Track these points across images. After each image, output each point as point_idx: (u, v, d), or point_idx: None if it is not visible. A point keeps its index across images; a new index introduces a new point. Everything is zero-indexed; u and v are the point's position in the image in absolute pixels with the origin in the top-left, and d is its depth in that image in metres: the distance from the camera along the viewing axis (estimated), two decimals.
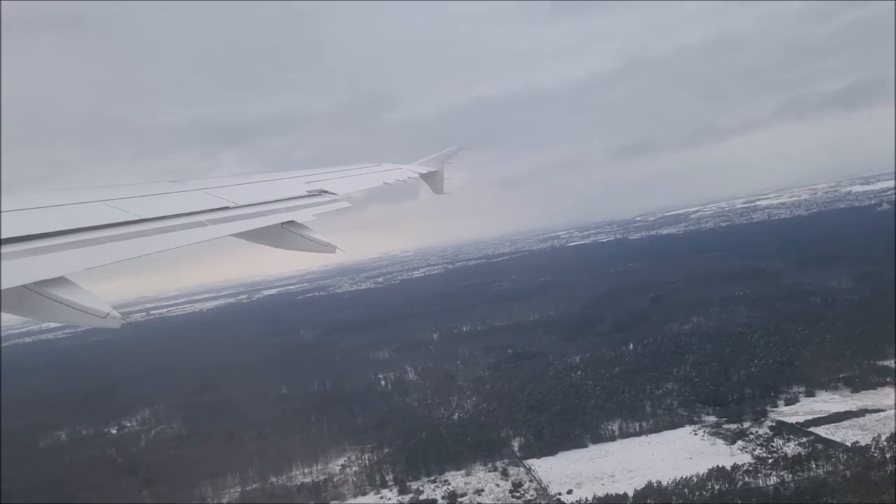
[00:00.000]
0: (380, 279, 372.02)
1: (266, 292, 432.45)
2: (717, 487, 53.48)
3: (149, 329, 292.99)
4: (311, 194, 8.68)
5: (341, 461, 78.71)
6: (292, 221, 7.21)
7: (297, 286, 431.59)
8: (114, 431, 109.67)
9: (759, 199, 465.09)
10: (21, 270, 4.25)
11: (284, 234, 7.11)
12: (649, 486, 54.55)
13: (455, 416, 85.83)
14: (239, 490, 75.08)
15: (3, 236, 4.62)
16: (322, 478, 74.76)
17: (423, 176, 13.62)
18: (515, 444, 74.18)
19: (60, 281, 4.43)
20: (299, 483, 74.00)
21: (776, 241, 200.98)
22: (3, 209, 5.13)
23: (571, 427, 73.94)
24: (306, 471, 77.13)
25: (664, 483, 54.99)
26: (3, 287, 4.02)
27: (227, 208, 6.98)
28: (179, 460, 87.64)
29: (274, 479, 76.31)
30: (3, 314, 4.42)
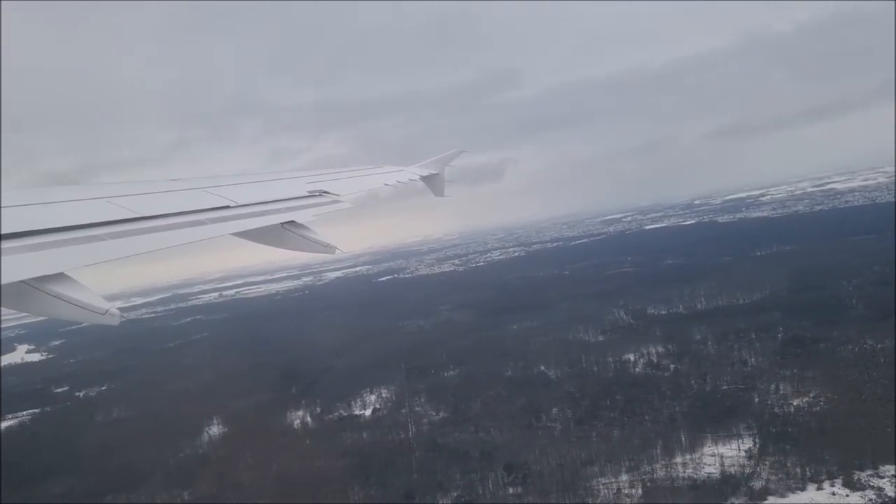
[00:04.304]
0: (456, 261, 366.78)
1: (330, 275, 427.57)
2: None
3: (247, 308, 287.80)
4: (312, 195, 8.70)
5: (715, 451, 72.68)
6: (292, 221, 7.20)
7: (362, 268, 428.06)
8: (367, 413, 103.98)
9: (828, 183, 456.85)
10: (21, 266, 4.29)
11: (284, 234, 7.06)
12: None
13: (816, 407, 79.64)
14: (626, 478, 69.38)
15: (3, 232, 4.63)
16: (715, 470, 68.82)
17: (423, 178, 13.70)
18: None
19: (60, 277, 4.44)
20: (707, 474, 68.03)
21: None
22: (3, 205, 5.13)
23: None
24: (684, 460, 71.29)
25: None
26: (3, 282, 4.03)
27: (227, 207, 7.02)
28: (516, 445, 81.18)
29: (653, 468, 70.61)
30: (2, 309, 4.42)
